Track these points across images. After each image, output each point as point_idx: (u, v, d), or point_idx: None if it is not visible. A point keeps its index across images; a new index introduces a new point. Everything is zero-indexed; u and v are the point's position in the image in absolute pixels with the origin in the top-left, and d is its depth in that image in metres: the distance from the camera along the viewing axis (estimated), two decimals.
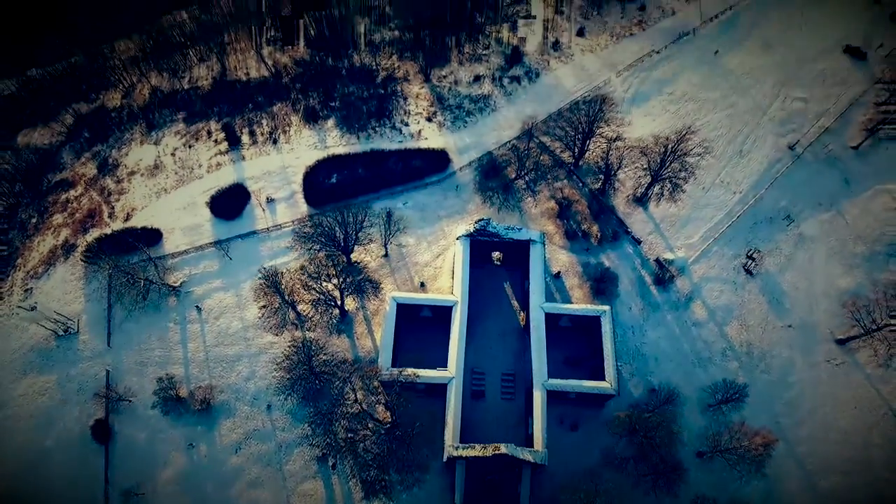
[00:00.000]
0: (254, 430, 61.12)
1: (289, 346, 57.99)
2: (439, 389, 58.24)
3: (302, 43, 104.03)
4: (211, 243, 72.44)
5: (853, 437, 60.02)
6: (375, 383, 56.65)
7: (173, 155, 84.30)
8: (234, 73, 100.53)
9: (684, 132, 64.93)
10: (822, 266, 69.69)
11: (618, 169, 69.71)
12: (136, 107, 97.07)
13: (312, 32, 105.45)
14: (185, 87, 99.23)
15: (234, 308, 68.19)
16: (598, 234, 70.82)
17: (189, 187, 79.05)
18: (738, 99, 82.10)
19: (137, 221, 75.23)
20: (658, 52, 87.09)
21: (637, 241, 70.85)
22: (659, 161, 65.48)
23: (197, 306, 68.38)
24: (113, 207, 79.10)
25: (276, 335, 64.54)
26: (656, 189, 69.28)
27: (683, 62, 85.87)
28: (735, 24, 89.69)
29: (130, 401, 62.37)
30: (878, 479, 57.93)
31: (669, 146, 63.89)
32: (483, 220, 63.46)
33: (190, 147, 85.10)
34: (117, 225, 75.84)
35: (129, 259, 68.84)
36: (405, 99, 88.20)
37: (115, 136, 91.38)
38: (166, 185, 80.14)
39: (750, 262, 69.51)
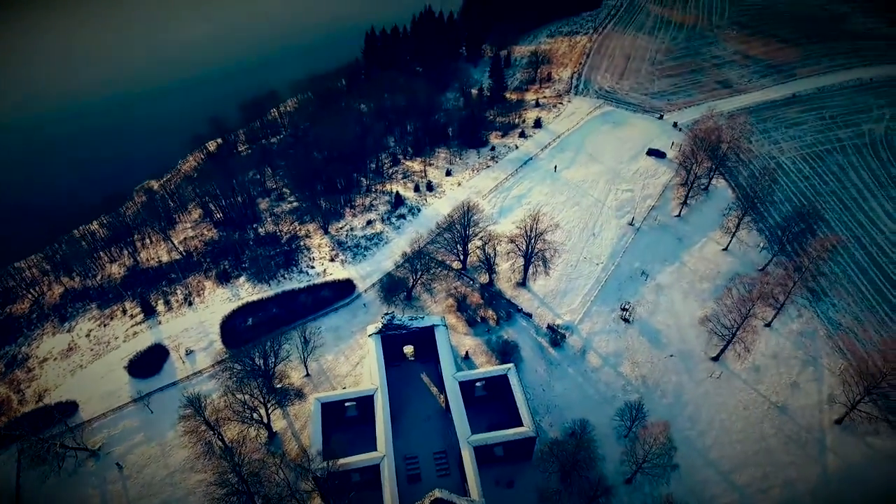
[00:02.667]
0: None
1: (219, 476, 57.57)
2: (375, 480, 59.65)
3: (212, 227, 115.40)
4: (131, 401, 73.17)
5: (750, 433, 66.94)
6: (308, 485, 57.45)
7: (88, 336, 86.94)
8: (147, 263, 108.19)
9: (536, 213, 79.79)
10: (681, 304, 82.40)
11: (495, 258, 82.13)
12: (48, 308, 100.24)
13: (219, 216, 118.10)
14: (98, 282, 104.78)
15: (159, 457, 67.46)
16: (495, 317, 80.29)
17: (106, 358, 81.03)
18: (581, 198, 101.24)
19: (52, 399, 74.99)
20: (511, 176, 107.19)
21: (528, 315, 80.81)
22: (525, 243, 78.84)
23: (118, 464, 66.88)
24: (23, 394, 78.38)
25: (204, 471, 63.98)
26: (531, 269, 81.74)
27: (532, 180, 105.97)
28: (564, 148, 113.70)
29: None
30: (779, 461, 64.01)
31: (527, 227, 77.87)
32: (389, 314, 71.23)
33: (105, 326, 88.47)
34: (29, 407, 74.88)
35: (44, 434, 67.76)
36: (308, 250, 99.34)
37: (24, 336, 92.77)
38: (82, 362, 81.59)
39: (624, 312, 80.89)
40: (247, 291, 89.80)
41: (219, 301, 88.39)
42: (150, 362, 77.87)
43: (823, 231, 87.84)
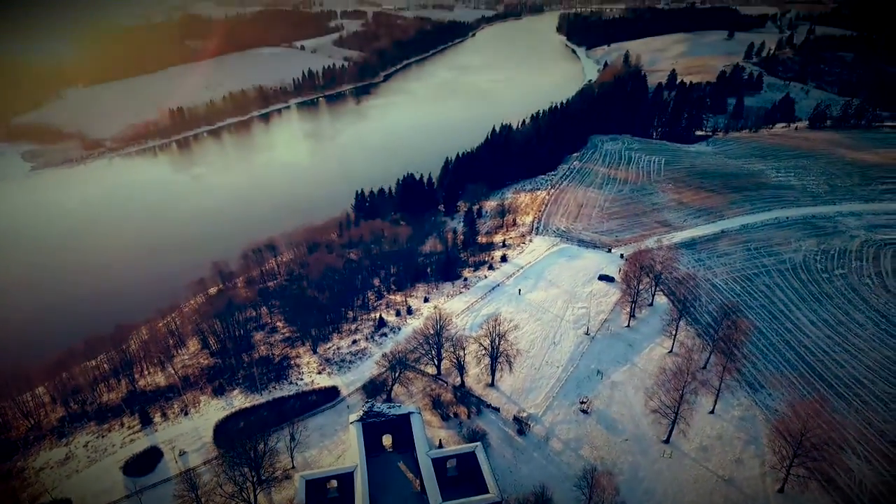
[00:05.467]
0: None
1: None
2: None
3: (208, 356, 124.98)
4: (124, 496, 77.35)
5: None
6: None
7: (85, 446, 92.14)
8: (145, 388, 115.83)
9: (498, 316, 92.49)
10: (633, 397, 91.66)
11: (465, 357, 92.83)
12: (46, 430, 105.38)
13: (216, 346, 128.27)
14: (96, 407, 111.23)
15: None
16: (466, 412, 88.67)
17: (102, 463, 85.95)
18: (543, 315, 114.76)
19: (45, 498, 78.66)
20: (481, 300, 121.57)
21: (496, 409, 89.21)
22: (490, 343, 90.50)
23: None
24: (18, 499, 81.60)
25: None
26: (498, 369, 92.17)
27: (500, 302, 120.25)
28: (527, 276, 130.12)
29: None
30: None
31: (490, 329, 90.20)
32: (369, 402, 79.88)
33: (103, 437, 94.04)
34: None
35: None
36: (298, 366, 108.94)
37: (20, 453, 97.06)
38: (78, 468, 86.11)
39: (583, 405, 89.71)
40: (240, 401, 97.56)
41: (213, 409, 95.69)
42: (144, 463, 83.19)
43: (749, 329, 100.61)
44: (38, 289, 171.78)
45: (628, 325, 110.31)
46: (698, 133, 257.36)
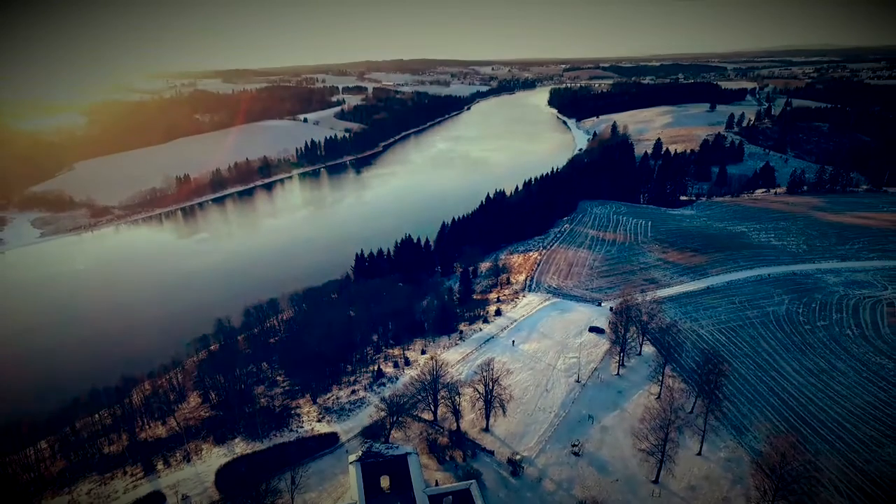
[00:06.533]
0: None
1: None
2: None
3: (209, 409, 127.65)
4: None
5: None
6: None
7: (88, 494, 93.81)
8: (146, 439, 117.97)
9: (491, 361, 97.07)
10: (623, 440, 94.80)
11: (460, 402, 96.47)
12: (46, 481, 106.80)
13: (216, 400, 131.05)
14: (98, 457, 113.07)
15: None
16: (462, 455, 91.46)
17: None
18: (535, 364, 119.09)
19: None
20: (476, 350, 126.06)
21: (490, 452, 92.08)
22: (484, 387, 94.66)
23: None
24: None
25: None
26: (493, 414, 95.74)
27: (494, 352, 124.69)
28: (520, 329, 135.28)
29: None
30: None
31: (483, 373, 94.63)
32: (367, 442, 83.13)
33: (105, 485, 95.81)
34: None
35: None
36: (298, 415, 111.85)
37: None
38: None
39: (575, 448, 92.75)
40: (241, 448, 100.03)
41: (215, 456, 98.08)
42: None
43: (728, 370, 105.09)
44: (41, 345, 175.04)
45: (618, 374, 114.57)
46: (683, 198, 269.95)
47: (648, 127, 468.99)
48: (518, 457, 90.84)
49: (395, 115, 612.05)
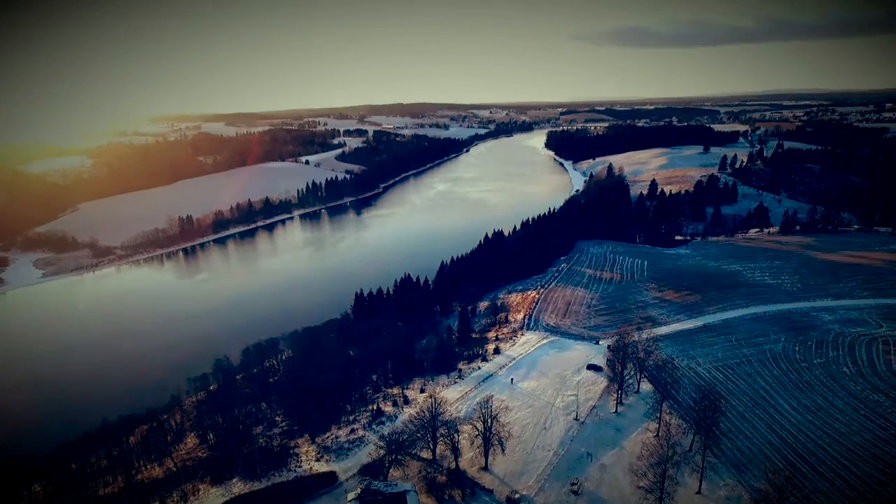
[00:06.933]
0: None
1: None
2: None
3: (206, 450, 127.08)
4: None
5: None
6: None
7: None
8: (142, 481, 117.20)
9: (489, 400, 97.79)
10: (623, 479, 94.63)
11: (458, 440, 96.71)
12: None
13: (213, 440, 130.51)
14: (92, 499, 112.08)
15: None
16: (461, 494, 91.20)
17: None
18: (534, 402, 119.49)
19: None
20: (475, 389, 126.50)
21: (489, 491, 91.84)
22: (483, 424, 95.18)
23: None
24: None
25: None
26: (491, 452, 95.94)
27: (492, 390, 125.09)
28: (519, 367, 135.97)
29: None
30: None
31: (482, 410, 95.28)
32: (366, 479, 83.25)
33: None
34: None
35: None
36: (297, 455, 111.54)
37: None
38: None
39: (574, 486, 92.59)
40: (239, 488, 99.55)
41: (213, 497, 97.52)
42: None
43: (726, 407, 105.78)
44: (38, 386, 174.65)
45: (616, 411, 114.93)
46: (678, 238, 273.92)
47: (643, 168, 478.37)
48: (517, 495, 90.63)
49: (394, 157, 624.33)
